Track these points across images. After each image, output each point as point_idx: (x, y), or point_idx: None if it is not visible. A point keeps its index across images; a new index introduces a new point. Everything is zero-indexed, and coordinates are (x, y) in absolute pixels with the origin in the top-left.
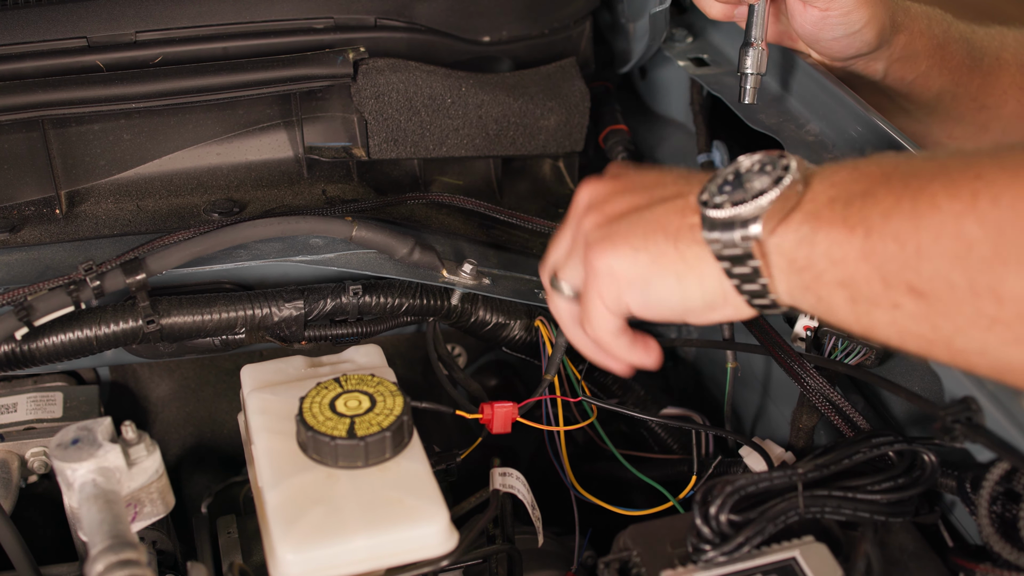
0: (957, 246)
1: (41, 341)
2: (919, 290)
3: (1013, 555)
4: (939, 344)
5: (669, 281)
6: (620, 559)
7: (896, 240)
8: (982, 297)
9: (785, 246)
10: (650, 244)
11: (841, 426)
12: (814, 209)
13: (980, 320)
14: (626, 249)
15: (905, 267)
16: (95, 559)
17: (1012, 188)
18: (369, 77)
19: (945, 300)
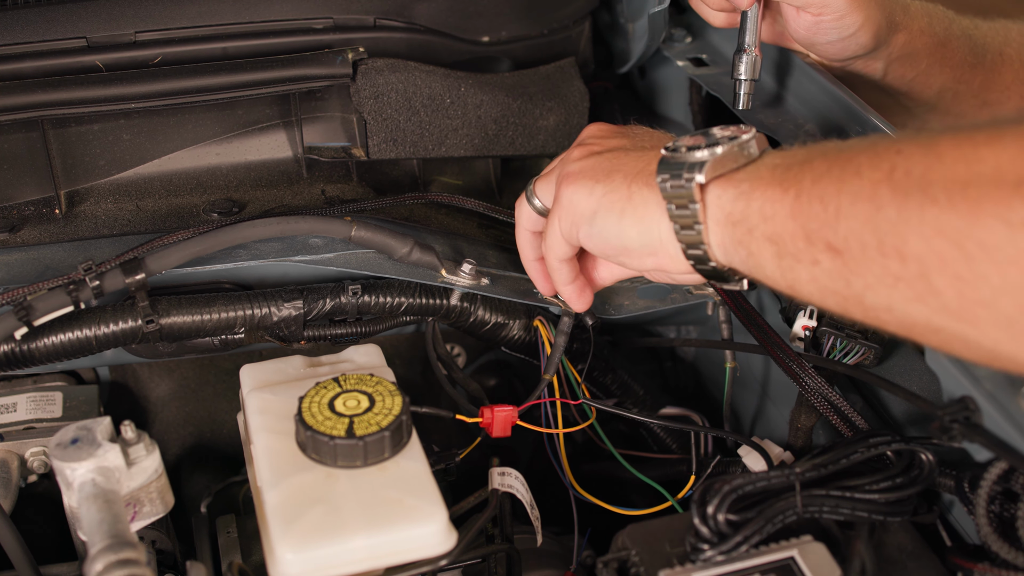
0: (870, 208)
1: (41, 341)
2: (836, 247)
3: (1011, 554)
4: (852, 300)
5: (612, 216)
6: (619, 558)
7: (821, 201)
8: (888, 256)
9: (724, 199)
10: (607, 181)
11: (840, 426)
12: (756, 171)
13: (886, 278)
14: (587, 182)
15: (825, 225)
16: (94, 558)
17: (923, 162)
18: (368, 77)
19: (857, 258)
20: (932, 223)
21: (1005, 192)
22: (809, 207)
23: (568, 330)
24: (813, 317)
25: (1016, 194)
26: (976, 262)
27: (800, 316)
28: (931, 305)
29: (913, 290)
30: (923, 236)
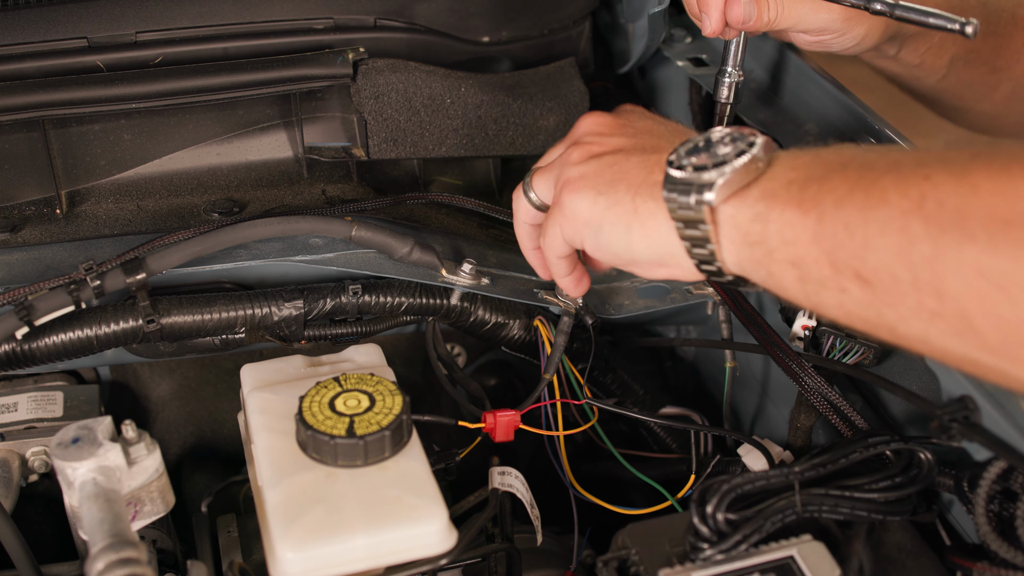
0: (902, 242)
1: (42, 340)
2: (865, 278)
3: (1010, 553)
4: (883, 328)
5: (619, 229)
6: (618, 558)
7: (846, 229)
8: (924, 292)
9: (739, 219)
10: (611, 191)
11: (839, 425)
12: (771, 188)
13: (922, 312)
14: (590, 192)
15: (853, 256)
16: (95, 557)
17: (957, 194)
18: (369, 77)
19: (890, 291)
20: (972, 263)
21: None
22: (833, 234)
23: (568, 330)
24: (813, 317)
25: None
26: (1020, 304)
27: (800, 316)
28: (971, 342)
29: (951, 326)
30: (962, 276)
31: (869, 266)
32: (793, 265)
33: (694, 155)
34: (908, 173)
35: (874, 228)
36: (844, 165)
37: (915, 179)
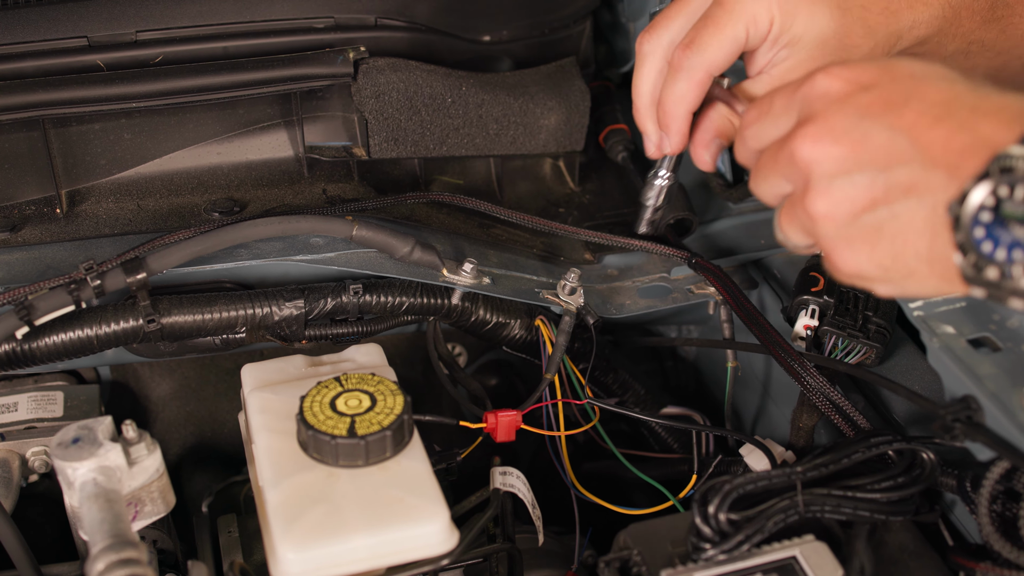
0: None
1: (42, 340)
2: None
3: (1013, 554)
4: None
5: (929, 290)
6: (620, 558)
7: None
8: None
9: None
10: (900, 265)
11: (841, 425)
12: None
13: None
14: (874, 267)
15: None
16: (96, 558)
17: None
18: (369, 76)
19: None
20: None
21: None
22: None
23: (569, 329)
24: (815, 316)
25: None
26: None
27: (802, 315)
28: None
29: None
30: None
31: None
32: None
33: (987, 234)
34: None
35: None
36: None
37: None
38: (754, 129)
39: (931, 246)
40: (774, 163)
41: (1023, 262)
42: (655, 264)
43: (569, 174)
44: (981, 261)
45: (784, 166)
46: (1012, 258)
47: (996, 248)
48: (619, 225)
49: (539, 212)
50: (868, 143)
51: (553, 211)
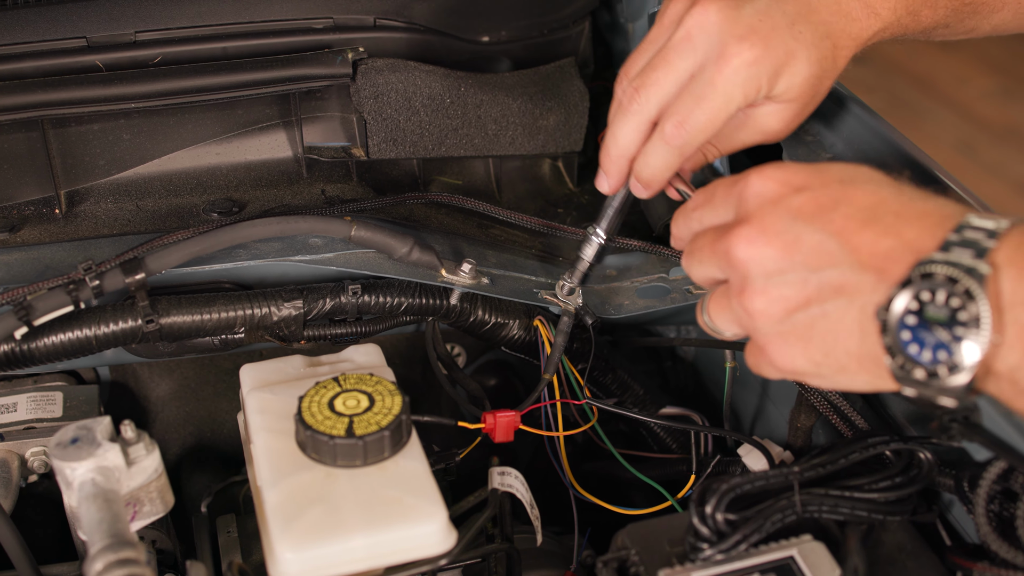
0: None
1: (41, 340)
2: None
3: (1010, 554)
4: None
5: (861, 385)
6: (618, 558)
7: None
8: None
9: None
10: (831, 361)
11: (839, 425)
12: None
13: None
14: (803, 361)
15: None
16: (94, 558)
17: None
18: (368, 77)
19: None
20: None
21: None
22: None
23: (568, 330)
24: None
25: None
26: None
27: None
28: None
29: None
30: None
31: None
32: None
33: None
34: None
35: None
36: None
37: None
38: (697, 213)
39: (861, 345)
40: (712, 253)
41: (947, 363)
42: (653, 264)
43: (568, 174)
44: (908, 363)
45: (720, 259)
46: (937, 359)
47: (922, 350)
48: None
49: (538, 212)
50: (800, 245)
51: (552, 211)
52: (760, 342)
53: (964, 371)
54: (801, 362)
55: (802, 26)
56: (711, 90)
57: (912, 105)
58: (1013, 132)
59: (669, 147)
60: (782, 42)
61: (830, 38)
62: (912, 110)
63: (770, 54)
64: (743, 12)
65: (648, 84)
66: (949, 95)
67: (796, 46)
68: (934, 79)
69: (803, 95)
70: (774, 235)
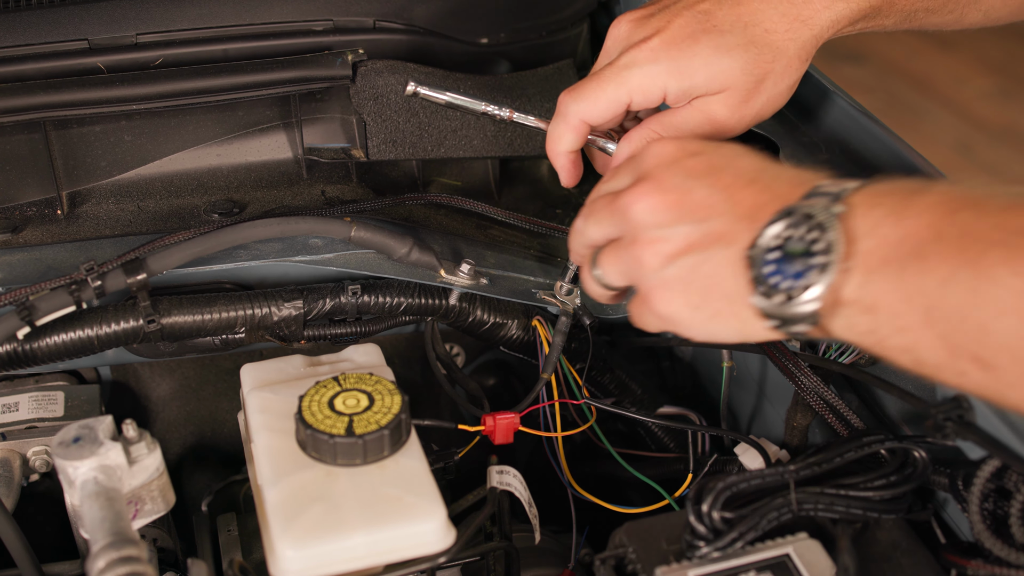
0: (1021, 324)
1: (43, 340)
2: (985, 361)
3: (1004, 551)
4: (1008, 406)
5: (731, 333)
6: (616, 556)
7: (958, 313)
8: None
9: (845, 314)
10: (707, 304)
11: (835, 424)
12: (868, 276)
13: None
14: (684, 306)
15: (969, 339)
16: (97, 556)
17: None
18: (368, 79)
19: (1012, 372)
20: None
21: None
22: (945, 319)
23: (566, 330)
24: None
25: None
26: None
27: None
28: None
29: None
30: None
31: (989, 349)
32: (906, 351)
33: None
34: (1017, 246)
35: (989, 311)
36: (939, 235)
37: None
38: (605, 185)
39: (734, 285)
40: (610, 212)
41: (802, 286)
42: None
43: None
44: (769, 291)
45: (617, 215)
46: (794, 284)
47: (783, 279)
48: None
49: (537, 213)
50: (691, 198)
51: (551, 212)
52: (645, 290)
53: (817, 291)
54: (680, 306)
55: (718, 19)
56: (609, 69)
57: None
58: (1011, 132)
59: (557, 117)
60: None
61: (760, 24)
62: (910, 110)
63: (671, 51)
64: (653, 19)
65: None
66: (947, 95)
67: (708, 39)
68: (932, 79)
69: (734, 84)
70: (669, 189)
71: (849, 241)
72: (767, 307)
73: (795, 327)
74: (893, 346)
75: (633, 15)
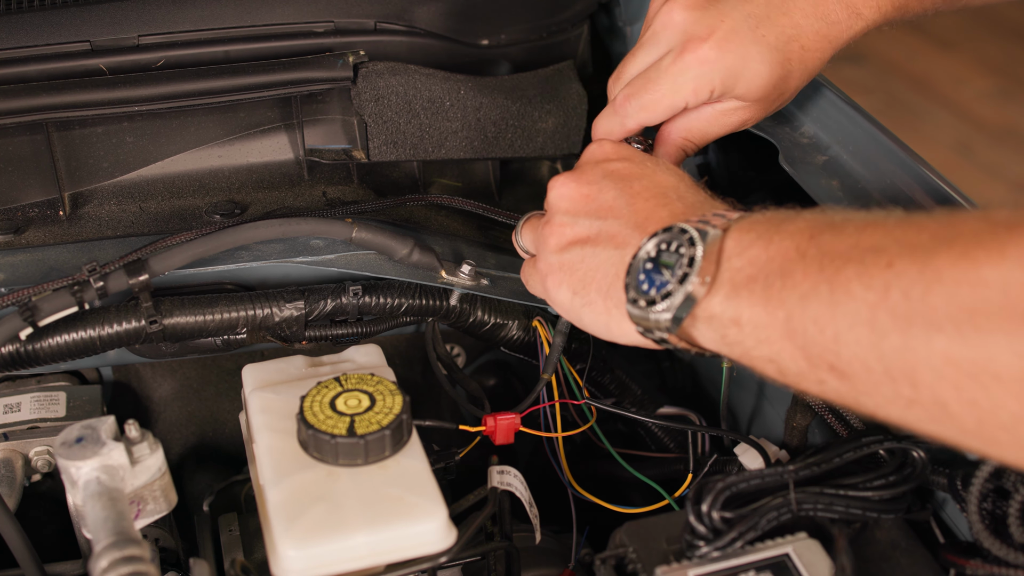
0: (871, 335)
1: (45, 341)
2: (840, 370)
3: (1003, 551)
4: (865, 412)
5: (598, 326)
6: (616, 555)
7: (816, 324)
8: (898, 382)
9: (712, 325)
10: (584, 292)
11: (834, 425)
12: (734, 291)
13: (898, 400)
14: (566, 290)
15: (826, 350)
16: (99, 555)
17: (921, 282)
18: (369, 80)
19: (864, 381)
20: (941, 353)
21: (1015, 323)
22: (804, 330)
23: (566, 330)
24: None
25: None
26: (991, 391)
27: None
28: (949, 427)
29: (928, 413)
30: (933, 366)
31: (843, 359)
32: (770, 361)
33: (646, 277)
34: (870, 263)
35: (843, 323)
36: (802, 254)
37: (877, 268)
38: None
39: (611, 285)
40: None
41: (662, 295)
42: None
43: None
44: (637, 295)
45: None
46: (658, 292)
47: (650, 287)
48: None
49: None
50: (599, 197)
51: None
52: (542, 265)
53: (674, 301)
54: (564, 289)
55: (767, 28)
56: (662, 76)
57: (910, 106)
58: (1011, 133)
59: (615, 115)
60: (740, 45)
61: (798, 40)
62: (910, 111)
63: (725, 56)
64: (707, 13)
65: (618, 75)
66: (947, 96)
67: (756, 50)
68: (932, 80)
69: (765, 96)
70: (584, 183)
71: (718, 260)
72: (632, 311)
73: (656, 333)
74: (758, 356)
75: (687, 1)
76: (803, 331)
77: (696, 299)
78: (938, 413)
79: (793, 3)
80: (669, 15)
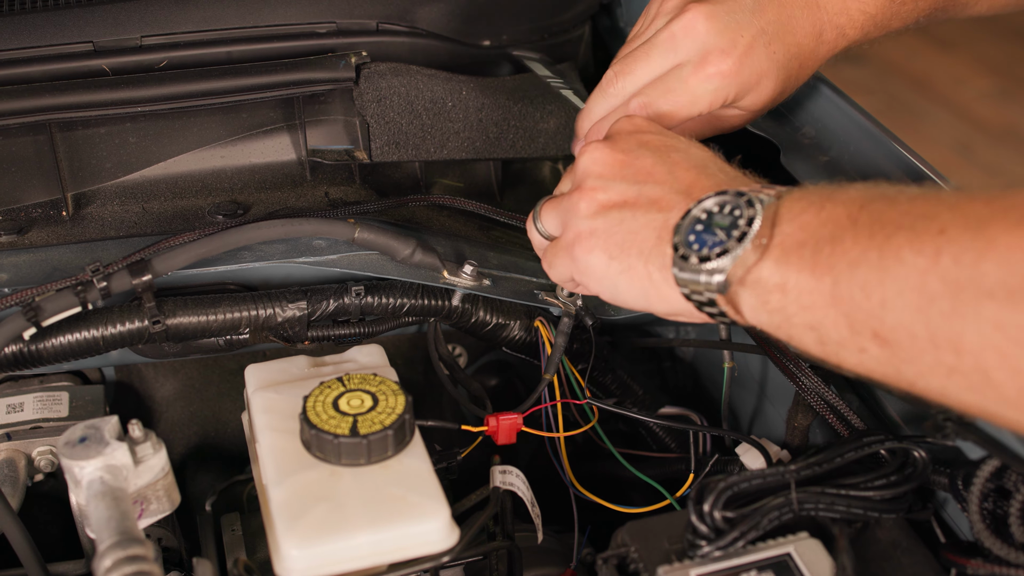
0: (920, 300)
1: (48, 341)
2: (883, 338)
3: (1004, 551)
4: (904, 384)
5: (635, 292)
6: (618, 555)
7: (863, 290)
8: (942, 348)
9: (755, 293)
10: (623, 256)
11: (836, 425)
12: (784, 256)
13: (939, 368)
14: (602, 254)
15: (871, 316)
16: (103, 555)
17: (973, 248)
18: (371, 81)
19: (908, 348)
20: (990, 319)
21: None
22: (850, 296)
23: (568, 330)
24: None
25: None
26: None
27: None
28: (988, 396)
29: (969, 381)
30: (980, 332)
31: (887, 326)
32: (811, 328)
33: (696, 237)
34: (922, 229)
35: (891, 288)
36: (853, 221)
37: (929, 235)
38: None
39: (654, 246)
40: (570, 169)
41: (717, 253)
42: None
43: None
44: (687, 253)
45: (571, 170)
46: (711, 250)
47: (702, 246)
48: None
49: None
50: (637, 162)
51: None
52: (572, 235)
53: (729, 259)
54: (599, 255)
55: (777, 46)
56: (682, 87)
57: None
58: (1011, 133)
59: (629, 120)
60: (757, 61)
61: (798, 59)
62: (910, 111)
63: (743, 71)
64: (728, 25)
65: (627, 72)
66: (947, 96)
67: (768, 66)
68: (932, 80)
69: (765, 107)
70: (620, 150)
71: (771, 223)
72: (680, 274)
73: (704, 295)
74: (799, 323)
75: (707, 8)
76: (849, 297)
77: (750, 261)
78: (979, 381)
79: (796, 23)
80: (693, 21)
